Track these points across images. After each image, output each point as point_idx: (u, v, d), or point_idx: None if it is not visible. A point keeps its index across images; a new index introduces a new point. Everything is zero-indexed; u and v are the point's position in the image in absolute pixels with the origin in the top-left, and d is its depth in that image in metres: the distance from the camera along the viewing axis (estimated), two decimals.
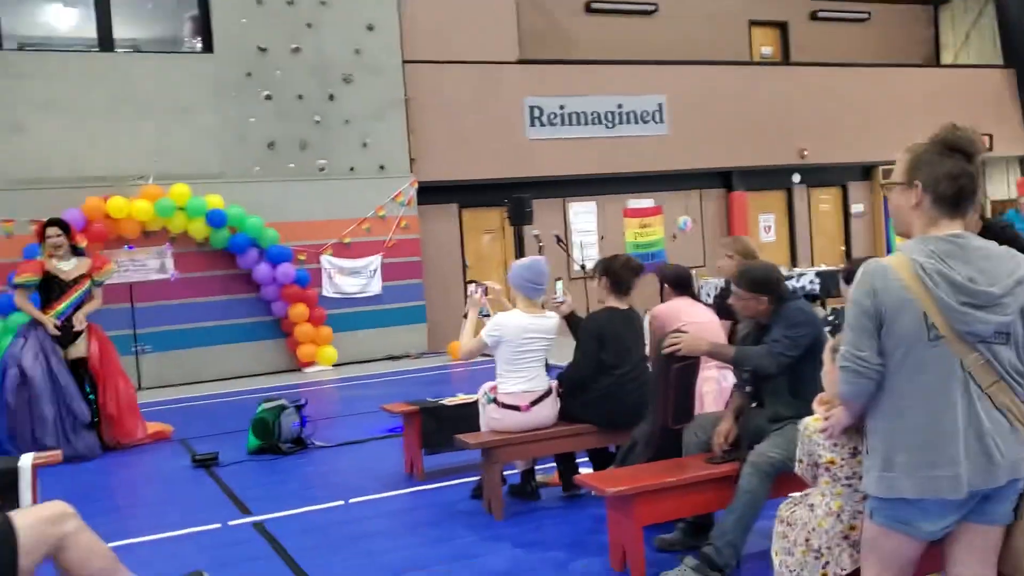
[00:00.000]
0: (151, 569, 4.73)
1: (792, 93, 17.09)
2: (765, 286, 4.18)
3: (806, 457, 3.05)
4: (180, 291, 12.32)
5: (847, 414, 2.74)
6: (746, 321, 4.39)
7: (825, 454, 2.96)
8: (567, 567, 4.34)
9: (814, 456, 3.01)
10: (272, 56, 13.12)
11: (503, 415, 5.22)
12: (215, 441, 7.89)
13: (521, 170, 14.98)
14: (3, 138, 11.76)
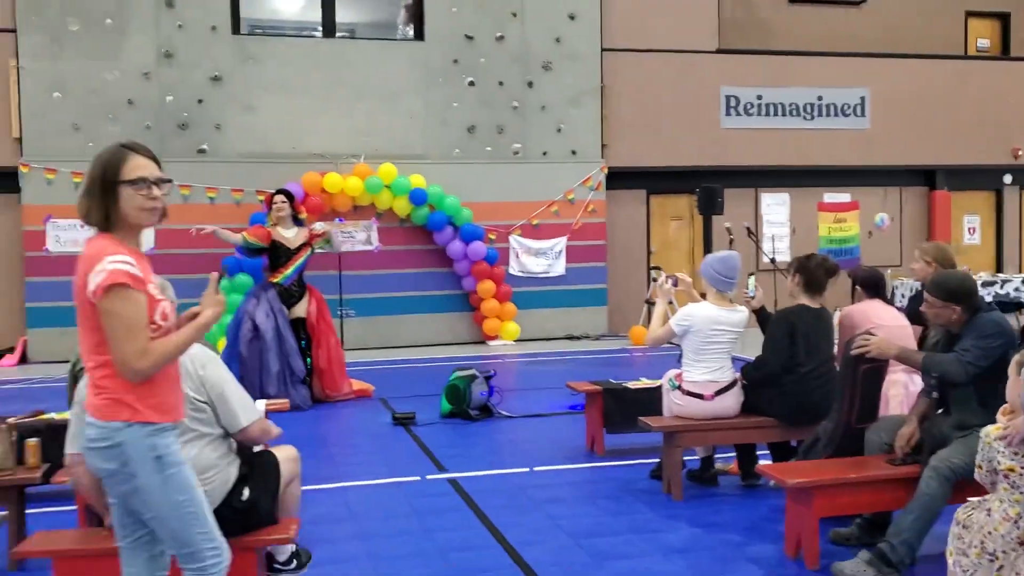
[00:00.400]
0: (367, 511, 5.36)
1: (1009, 89, 16.20)
2: (958, 296, 4.24)
3: (985, 463, 3.19)
4: (382, 262, 13.23)
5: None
6: (937, 328, 4.46)
7: (1004, 461, 3.09)
8: (743, 549, 4.58)
9: (993, 463, 3.14)
10: (478, 44, 13.75)
11: (686, 402, 5.49)
12: (410, 402, 8.56)
13: (713, 159, 15.02)
14: (236, 116, 12.98)
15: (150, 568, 2.87)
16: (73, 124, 12.53)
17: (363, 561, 4.49)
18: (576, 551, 4.56)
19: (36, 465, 4.70)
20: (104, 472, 2.73)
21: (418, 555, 4.56)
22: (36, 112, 12.45)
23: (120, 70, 12.69)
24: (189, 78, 12.87)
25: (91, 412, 2.71)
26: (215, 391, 3.52)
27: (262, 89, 13.10)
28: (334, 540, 4.81)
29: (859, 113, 15.77)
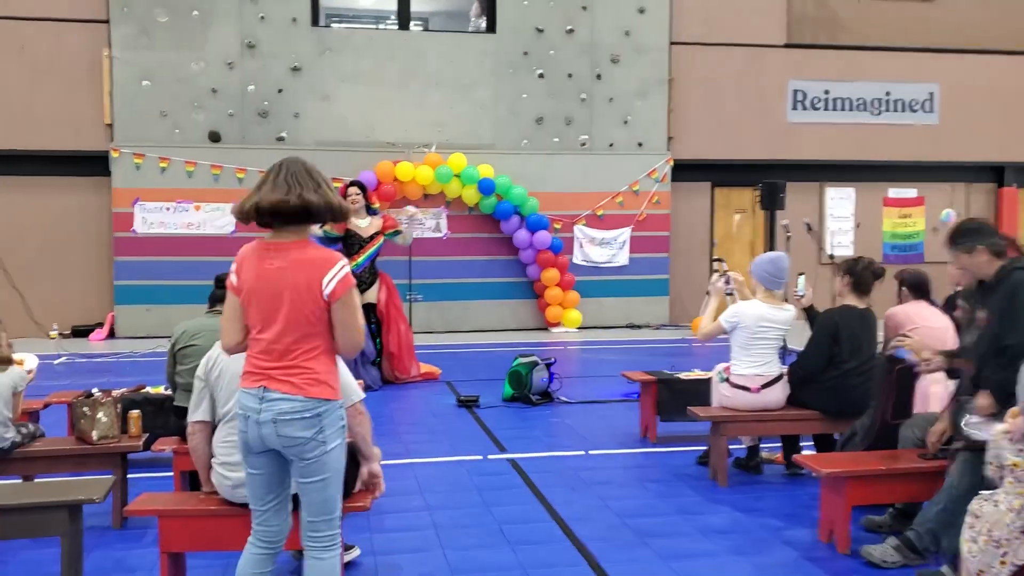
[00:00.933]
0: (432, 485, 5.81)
1: None
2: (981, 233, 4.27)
3: (995, 460, 3.48)
4: (450, 249, 13.71)
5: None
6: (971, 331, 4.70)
7: (1010, 457, 3.38)
8: (780, 533, 4.90)
9: (1000, 459, 3.43)
10: (548, 37, 14.08)
11: (733, 394, 5.81)
12: (474, 386, 9.01)
13: (778, 152, 15.13)
14: (314, 105, 13.54)
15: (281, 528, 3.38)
16: (161, 111, 13.22)
17: (427, 531, 4.93)
18: (622, 529, 4.94)
19: (138, 434, 5.22)
20: (297, 440, 3.16)
21: (477, 526, 4.99)
22: (126, 100, 13.16)
23: (205, 60, 13.33)
24: (270, 68, 13.46)
25: (288, 390, 3.15)
26: None
27: (339, 79, 13.63)
28: (404, 511, 5.26)
29: (928, 109, 15.71)
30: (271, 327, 3.18)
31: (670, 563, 4.44)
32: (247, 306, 3.25)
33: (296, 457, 3.19)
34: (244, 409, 3.21)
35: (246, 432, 3.21)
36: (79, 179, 13.37)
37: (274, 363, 3.17)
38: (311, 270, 3.17)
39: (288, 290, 3.16)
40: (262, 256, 3.22)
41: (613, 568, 4.37)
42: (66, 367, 10.54)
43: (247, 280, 3.23)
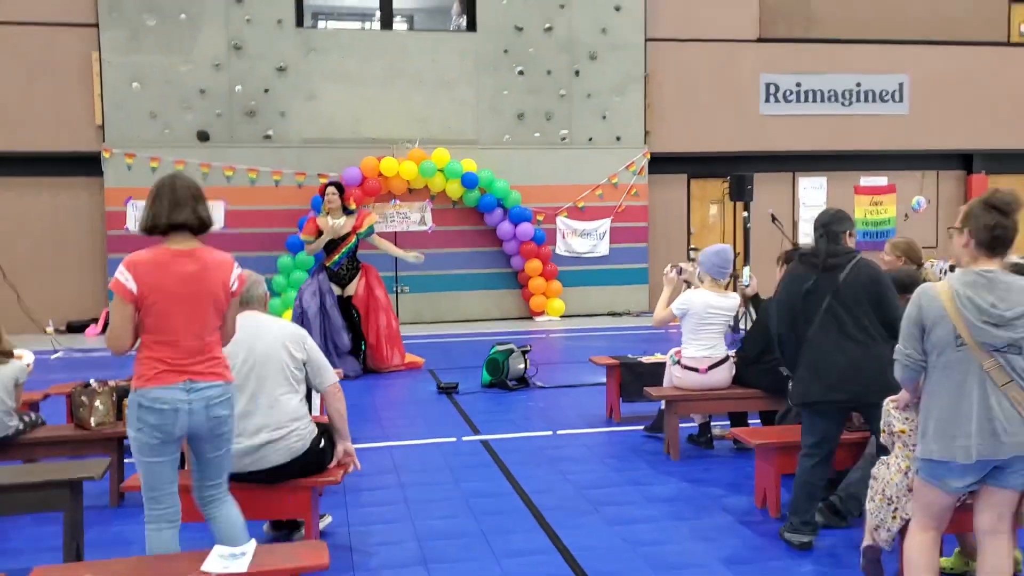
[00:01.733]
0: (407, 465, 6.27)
1: None
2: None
3: (886, 427, 3.94)
4: (435, 242, 14.12)
5: (904, 393, 3.65)
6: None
7: (898, 425, 3.85)
8: (720, 500, 5.38)
9: (891, 426, 3.90)
10: (527, 35, 14.49)
11: (684, 375, 6.27)
12: (456, 373, 9.46)
13: (752, 144, 15.58)
14: (300, 103, 13.95)
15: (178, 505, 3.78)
16: (150, 112, 13.62)
17: (399, 504, 5.39)
18: (578, 499, 5.41)
19: None
20: (222, 419, 3.64)
21: (446, 500, 5.46)
22: (117, 101, 13.56)
23: (193, 62, 13.72)
24: (256, 69, 13.85)
25: (213, 378, 3.60)
26: (312, 354, 4.50)
27: (324, 78, 14.03)
28: (378, 488, 5.72)
29: (897, 99, 16.15)
30: (191, 325, 3.57)
31: (616, 527, 4.91)
32: (152, 309, 3.51)
33: (215, 434, 3.65)
34: (169, 403, 3.50)
35: (172, 424, 3.51)
36: (73, 179, 13.77)
37: (194, 358, 3.58)
38: (221, 271, 3.66)
39: (206, 291, 3.61)
40: (172, 262, 3.56)
41: (565, 533, 4.84)
42: (62, 361, 10.98)
43: (155, 286, 3.50)
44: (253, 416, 4.31)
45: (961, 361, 3.36)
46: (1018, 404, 3.33)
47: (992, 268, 3.42)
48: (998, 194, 3.44)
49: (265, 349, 4.37)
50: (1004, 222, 3.40)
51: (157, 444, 3.54)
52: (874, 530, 4.05)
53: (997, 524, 3.49)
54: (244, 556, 3.37)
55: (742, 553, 4.57)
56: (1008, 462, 3.37)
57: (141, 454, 3.57)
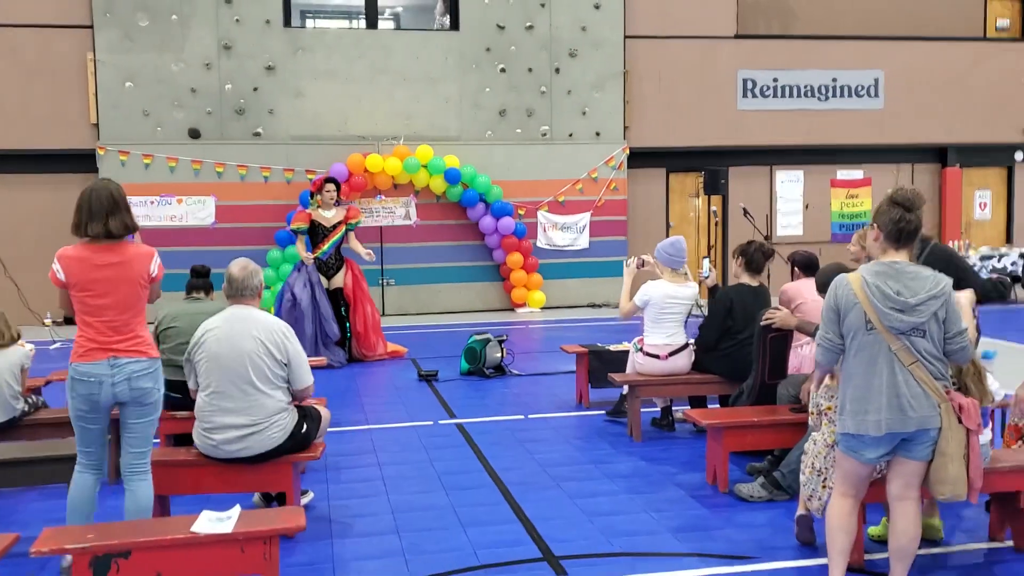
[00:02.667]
0: (385, 446, 6.69)
1: None
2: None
3: (815, 408, 4.37)
4: (420, 235, 14.56)
5: (817, 372, 4.09)
6: None
7: (825, 403, 4.27)
8: (674, 477, 5.81)
9: (819, 406, 4.32)
10: (509, 33, 14.88)
11: (646, 361, 6.70)
12: (437, 362, 9.88)
13: (729, 139, 16.00)
14: (288, 101, 14.33)
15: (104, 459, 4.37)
16: (143, 111, 13.97)
17: (376, 481, 5.81)
18: (541, 475, 5.83)
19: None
20: (146, 391, 4.16)
21: (419, 477, 5.88)
22: (111, 100, 13.91)
23: (184, 61, 14.08)
24: (246, 68, 14.21)
25: (137, 354, 4.14)
26: (294, 356, 4.79)
27: (311, 77, 14.40)
28: (358, 466, 6.14)
29: (873, 94, 16.58)
30: (112, 309, 4.11)
31: (575, 500, 5.34)
32: (79, 295, 4.11)
33: (139, 403, 4.18)
34: (94, 377, 4.09)
35: (97, 395, 4.11)
36: (69, 176, 14.08)
37: (117, 337, 4.12)
38: (140, 261, 4.17)
39: (126, 278, 4.12)
40: (93, 256, 4.10)
41: (527, 505, 5.26)
42: (60, 352, 11.35)
43: (79, 276, 4.09)
44: (232, 412, 4.64)
45: (872, 344, 3.77)
46: (922, 382, 3.75)
47: (899, 259, 3.84)
48: (901, 191, 3.86)
49: (248, 349, 4.66)
50: (908, 216, 3.82)
51: (86, 411, 4.17)
52: (807, 500, 4.49)
53: (905, 491, 3.91)
54: (230, 520, 3.79)
55: (689, 523, 4.99)
56: (914, 435, 3.78)
57: (74, 419, 4.22)
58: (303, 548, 4.67)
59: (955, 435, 3.77)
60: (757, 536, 4.76)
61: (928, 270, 3.82)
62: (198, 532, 3.69)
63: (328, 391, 8.56)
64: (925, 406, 3.74)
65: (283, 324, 4.90)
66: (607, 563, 4.42)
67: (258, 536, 3.73)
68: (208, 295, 6.40)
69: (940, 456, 3.78)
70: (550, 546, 4.63)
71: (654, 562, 4.42)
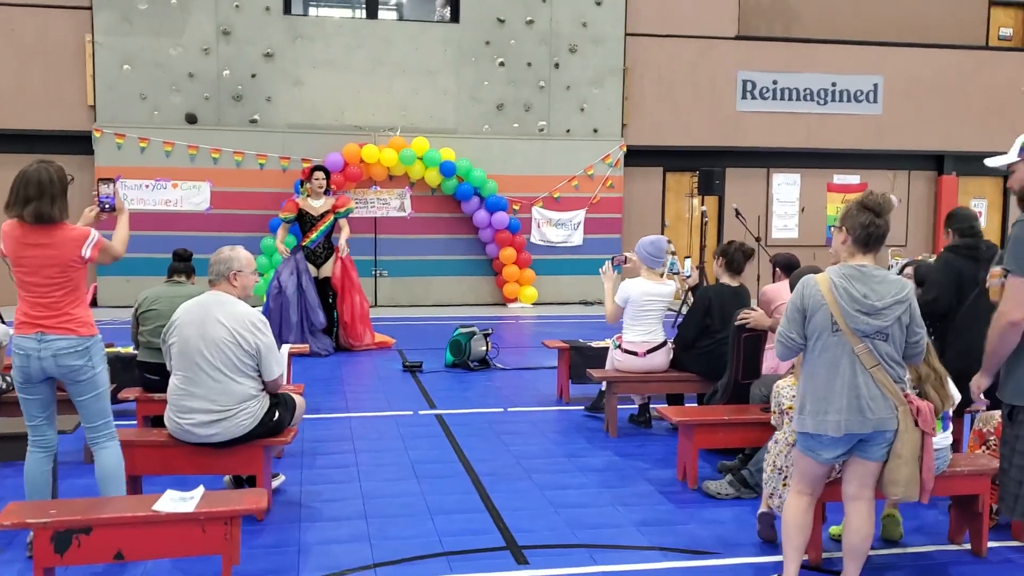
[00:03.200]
0: (363, 434, 6.73)
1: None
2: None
3: (776, 407, 4.40)
4: (413, 227, 14.59)
5: (780, 366, 4.12)
6: None
7: (786, 402, 4.31)
8: (646, 472, 5.85)
9: (781, 406, 4.36)
10: (509, 27, 14.90)
11: (624, 358, 6.73)
12: (423, 353, 9.92)
13: (727, 139, 16.02)
14: (286, 89, 14.35)
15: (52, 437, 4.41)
16: (140, 94, 14.00)
17: (350, 468, 5.85)
18: (515, 467, 5.87)
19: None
20: (75, 368, 4.20)
21: (394, 465, 5.92)
22: (108, 83, 13.94)
23: (183, 46, 14.10)
24: (244, 54, 14.24)
25: (65, 331, 4.17)
26: (265, 347, 4.79)
27: (309, 65, 14.43)
28: (334, 453, 6.18)
29: (871, 99, 16.59)
30: (40, 287, 4.16)
31: (544, 492, 5.38)
32: (14, 271, 4.20)
33: (74, 380, 4.22)
34: (24, 350, 4.18)
35: (28, 367, 4.19)
36: (64, 157, 13.92)
37: (46, 313, 4.17)
38: (72, 243, 4.17)
39: (56, 259, 4.15)
40: (25, 235, 4.15)
41: (497, 496, 5.30)
42: None
43: (12, 252, 4.17)
44: (200, 397, 4.67)
45: (836, 345, 3.80)
46: (882, 385, 3.78)
47: (866, 263, 3.87)
48: (872, 196, 3.88)
49: (216, 336, 4.66)
50: (877, 221, 3.85)
51: (22, 383, 4.27)
52: (768, 497, 4.54)
53: (860, 491, 3.95)
54: (192, 500, 3.83)
55: (655, 518, 5.02)
56: (871, 436, 3.82)
57: (17, 389, 4.33)
58: (270, 530, 4.72)
59: (910, 437, 3.80)
60: (720, 532, 4.79)
61: (893, 275, 3.85)
62: (159, 510, 3.73)
63: (312, 378, 8.63)
64: (883, 408, 3.77)
65: (255, 314, 4.84)
66: (568, 554, 4.46)
67: (219, 516, 3.77)
68: (189, 279, 6.44)
69: (895, 458, 3.82)
70: (515, 536, 4.67)
71: (615, 554, 4.46)
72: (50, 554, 3.65)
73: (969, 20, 17.93)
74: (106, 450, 4.37)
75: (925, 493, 3.86)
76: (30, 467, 4.34)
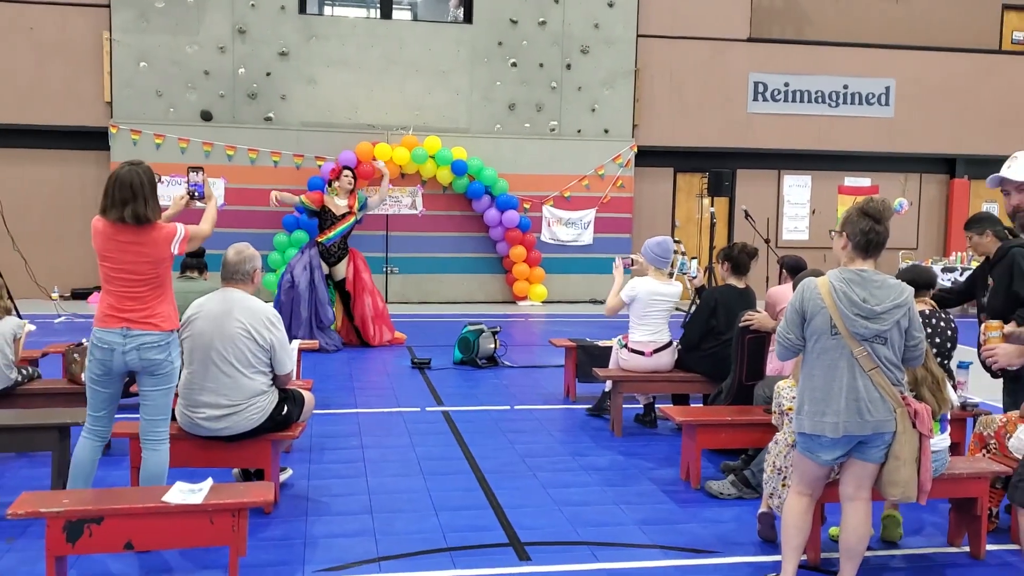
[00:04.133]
0: (371, 430, 6.82)
1: None
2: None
3: (777, 408, 4.46)
4: (425, 225, 14.69)
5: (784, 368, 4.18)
6: None
7: (786, 403, 4.37)
8: (649, 472, 5.91)
9: (781, 406, 4.42)
10: (521, 28, 14.97)
11: (630, 357, 6.80)
12: (432, 350, 10.01)
13: (738, 141, 16.05)
14: (300, 88, 14.47)
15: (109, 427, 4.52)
16: (156, 91, 14.14)
17: (357, 463, 5.94)
18: (519, 465, 5.95)
19: None
20: (156, 362, 4.29)
21: (400, 461, 6.01)
22: (125, 80, 14.08)
23: (199, 44, 14.23)
24: (259, 53, 14.35)
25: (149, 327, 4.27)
26: (279, 343, 4.90)
27: (324, 64, 14.54)
28: (341, 448, 6.27)
29: (883, 102, 16.58)
30: (127, 282, 4.26)
31: (548, 490, 5.45)
32: (101, 265, 4.30)
33: (152, 373, 4.32)
34: (108, 343, 4.25)
35: (110, 361, 4.27)
36: (81, 152, 14.32)
37: (131, 307, 4.27)
38: (160, 244, 4.31)
39: (142, 258, 4.26)
40: (117, 234, 4.24)
41: (501, 493, 5.38)
42: (65, 325, 11.55)
43: (101, 247, 4.28)
44: (211, 391, 4.77)
45: (835, 347, 3.86)
46: (880, 387, 3.84)
47: (866, 268, 3.92)
48: (872, 203, 3.94)
49: (232, 331, 4.76)
50: (877, 227, 3.91)
51: (99, 375, 4.33)
52: (768, 498, 4.60)
53: (857, 492, 4.00)
54: (201, 492, 3.92)
55: (656, 516, 5.09)
56: (870, 438, 3.88)
57: (88, 381, 4.40)
58: (277, 523, 4.81)
59: (909, 439, 3.86)
60: (720, 531, 4.86)
61: (893, 279, 3.91)
62: (169, 502, 3.82)
63: (321, 374, 8.73)
64: (882, 410, 3.83)
65: (270, 310, 4.96)
66: (570, 551, 4.53)
67: (227, 508, 3.86)
68: (202, 275, 6.54)
69: (893, 459, 3.87)
70: (517, 532, 4.74)
71: (616, 552, 4.53)
72: (62, 543, 3.74)
73: (982, 24, 17.90)
74: (156, 452, 4.44)
75: (923, 494, 3.92)
76: (81, 453, 4.41)
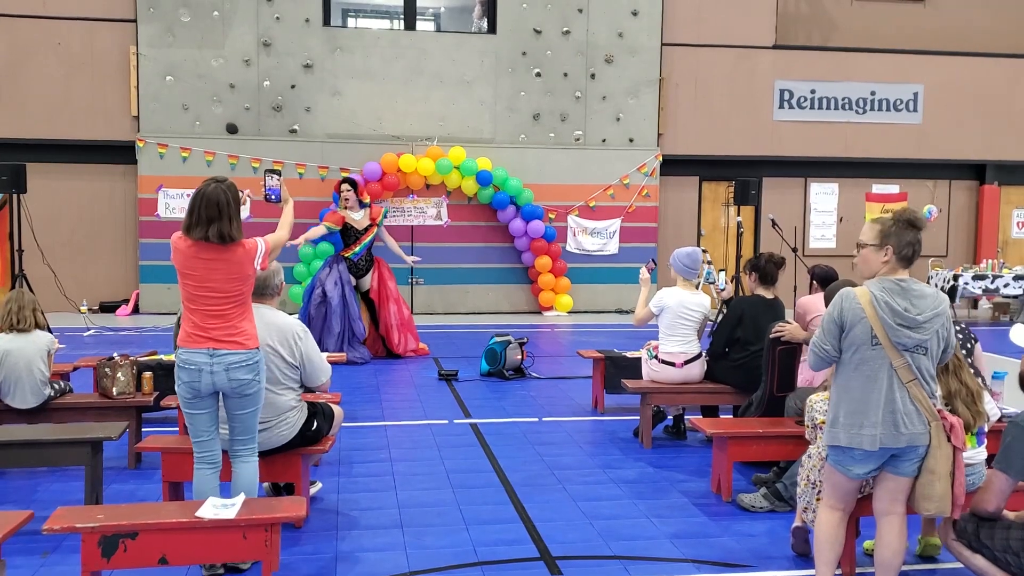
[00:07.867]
0: (399, 442, 6.82)
1: None
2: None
3: (810, 421, 4.41)
4: (450, 236, 14.71)
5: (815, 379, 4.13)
6: None
7: (819, 416, 4.32)
8: (680, 484, 5.86)
9: (814, 420, 4.36)
10: (545, 38, 14.99)
11: (660, 368, 6.75)
12: (459, 362, 10.01)
13: (764, 149, 15.96)
14: (325, 100, 14.55)
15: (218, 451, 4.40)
16: (183, 105, 14.28)
17: (386, 476, 5.93)
18: (548, 477, 5.92)
19: (150, 392, 6.28)
20: (244, 382, 4.21)
21: (429, 474, 5.99)
22: (151, 93, 14.23)
23: (224, 57, 14.36)
24: (284, 65, 14.46)
25: (235, 346, 4.18)
26: (307, 357, 4.87)
27: (348, 76, 14.62)
28: (370, 461, 6.27)
29: (912, 108, 16.44)
30: (211, 300, 4.17)
31: (578, 503, 5.42)
32: (183, 283, 4.22)
33: (239, 394, 4.23)
34: (195, 364, 4.15)
35: (198, 382, 4.16)
36: (108, 166, 14.48)
37: (216, 326, 4.18)
38: (243, 262, 4.23)
39: (225, 276, 4.18)
40: (199, 252, 4.16)
41: (531, 506, 5.35)
42: (94, 338, 11.66)
43: (182, 266, 4.19)
44: None
45: (874, 358, 3.80)
46: (917, 400, 3.78)
47: (906, 277, 3.87)
48: (911, 212, 3.88)
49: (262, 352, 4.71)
50: (919, 238, 3.86)
51: (190, 398, 4.23)
52: (803, 512, 4.54)
53: (891, 506, 3.95)
54: (234, 507, 3.92)
55: (688, 530, 5.04)
56: (904, 451, 3.82)
57: (182, 405, 4.29)
58: (308, 538, 4.80)
59: (943, 453, 3.80)
60: (753, 545, 4.80)
61: (930, 288, 3.86)
62: (202, 517, 3.83)
63: (349, 387, 8.74)
64: (917, 423, 3.77)
65: (298, 324, 4.92)
66: (602, 565, 4.49)
67: (260, 523, 3.86)
68: None
69: (928, 473, 3.81)
70: (548, 547, 4.71)
71: (648, 566, 4.49)
72: (97, 558, 3.76)
73: (1010, 28, 17.70)
74: (246, 464, 4.39)
75: (957, 508, 3.86)
76: (200, 486, 4.32)
